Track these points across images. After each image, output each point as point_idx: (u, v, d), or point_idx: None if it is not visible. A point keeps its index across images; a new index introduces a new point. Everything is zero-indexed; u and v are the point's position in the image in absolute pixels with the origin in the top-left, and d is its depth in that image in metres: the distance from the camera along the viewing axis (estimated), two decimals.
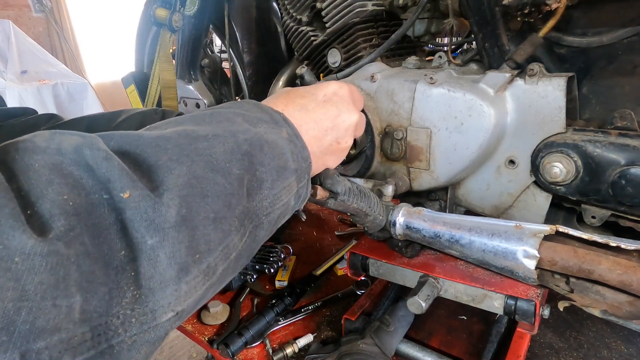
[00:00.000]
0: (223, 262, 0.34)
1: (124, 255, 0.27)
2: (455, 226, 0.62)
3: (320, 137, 0.49)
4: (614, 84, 0.67)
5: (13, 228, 0.23)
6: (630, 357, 0.78)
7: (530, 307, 0.58)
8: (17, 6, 4.49)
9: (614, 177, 0.57)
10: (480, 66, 0.80)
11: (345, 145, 0.53)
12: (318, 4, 0.91)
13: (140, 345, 0.28)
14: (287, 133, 0.43)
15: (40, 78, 4.00)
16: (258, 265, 1.02)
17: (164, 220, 0.29)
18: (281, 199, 0.41)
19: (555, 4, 0.60)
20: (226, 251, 0.34)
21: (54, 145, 0.28)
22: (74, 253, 0.25)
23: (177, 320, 0.31)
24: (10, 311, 0.22)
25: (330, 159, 0.53)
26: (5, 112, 0.75)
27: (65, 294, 0.24)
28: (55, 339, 0.23)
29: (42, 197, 0.25)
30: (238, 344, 0.80)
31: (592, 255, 0.52)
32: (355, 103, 0.55)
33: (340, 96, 0.52)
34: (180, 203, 0.30)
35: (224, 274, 0.35)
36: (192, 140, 0.34)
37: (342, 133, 0.51)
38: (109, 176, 0.28)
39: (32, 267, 0.23)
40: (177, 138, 0.34)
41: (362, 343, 0.69)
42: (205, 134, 0.36)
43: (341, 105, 0.51)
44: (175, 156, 0.32)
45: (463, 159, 0.70)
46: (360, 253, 0.73)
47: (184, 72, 1.41)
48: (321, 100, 0.51)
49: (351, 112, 0.52)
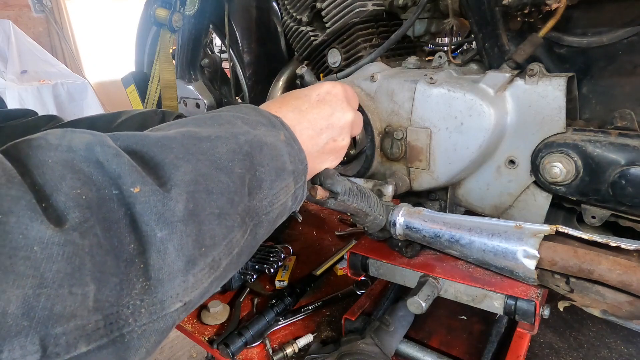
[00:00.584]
0: (227, 256, 0.35)
1: (133, 248, 0.28)
2: (455, 226, 0.62)
3: (315, 137, 0.50)
4: (614, 84, 0.67)
5: (31, 219, 0.23)
6: (630, 357, 0.78)
7: (530, 307, 0.58)
8: (17, 6, 4.50)
9: (614, 177, 0.57)
10: (480, 66, 0.80)
11: (342, 144, 0.53)
12: (318, 4, 0.91)
13: (149, 334, 0.29)
14: (285, 136, 0.44)
15: (40, 78, 4.01)
16: (258, 265, 1.02)
17: (172, 214, 0.30)
18: (279, 199, 0.42)
19: (555, 4, 0.60)
20: (230, 246, 0.35)
21: (66, 143, 0.29)
22: (88, 244, 0.25)
23: (185, 311, 0.32)
24: (31, 297, 0.23)
25: (328, 159, 0.53)
26: (6, 113, 0.75)
27: (80, 283, 0.25)
28: (71, 325, 0.24)
29: (56, 190, 0.26)
30: (238, 344, 0.80)
31: (592, 255, 0.52)
32: (350, 101, 0.55)
33: (333, 95, 0.53)
34: (188, 198, 0.31)
35: (228, 269, 0.36)
36: (196, 141, 0.35)
37: (338, 132, 0.52)
38: (119, 172, 0.29)
39: (50, 255, 0.24)
40: (181, 138, 0.35)
41: (362, 343, 0.69)
42: (208, 135, 0.37)
43: (335, 104, 0.52)
44: (181, 154, 0.33)
45: (463, 159, 0.70)
46: (360, 253, 0.73)
47: (184, 72, 1.41)
48: (315, 101, 0.51)
49: (345, 110, 0.53)
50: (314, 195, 0.55)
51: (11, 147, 0.28)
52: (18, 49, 3.93)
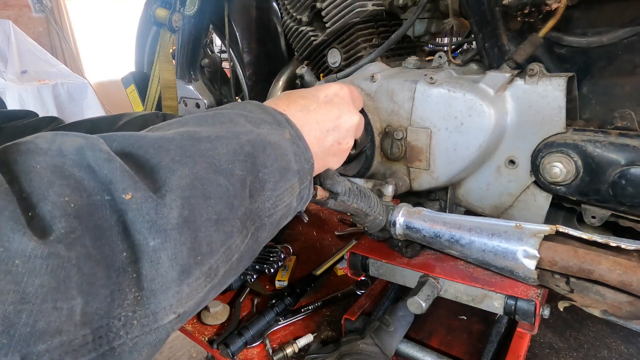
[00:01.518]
0: (225, 263, 0.34)
1: (125, 257, 0.27)
2: (455, 226, 0.62)
3: (322, 137, 0.49)
4: (614, 84, 0.67)
5: (13, 230, 0.23)
6: (630, 357, 0.78)
7: (530, 307, 0.58)
8: (17, 6, 4.50)
9: (614, 177, 0.57)
10: (480, 66, 0.80)
11: (346, 146, 0.53)
12: (318, 4, 0.91)
13: (141, 347, 0.28)
14: (290, 134, 0.43)
15: (40, 78, 4.01)
16: (258, 265, 1.02)
17: (166, 222, 0.29)
18: (283, 201, 0.41)
19: (555, 4, 0.60)
20: (228, 253, 0.34)
21: (56, 147, 0.28)
22: (75, 255, 0.25)
23: (179, 322, 0.31)
24: (11, 314, 0.22)
25: (332, 160, 0.53)
26: (6, 114, 0.75)
27: (66, 297, 0.24)
28: (56, 342, 0.23)
29: (43, 199, 0.25)
30: (238, 344, 0.80)
31: (592, 255, 0.52)
32: (355, 103, 0.55)
33: (341, 97, 0.53)
34: (183, 204, 0.30)
35: (226, 276, 0.35)
36: (195, 142, 0.34)
37: (344, 134, 0.52)
38: (111, 177, 0.28)
39: (33, 269, 0.23)
40: (179, 139, 0.34)
41: (362, 343, 0.69)
42: (208, 135, 0.36)
43: (342, 107, 0.52)
44: (177, 157, 0.32)
45: (463, 159, 0.70)
46: (360, 253, 0.73)
47: (184, 72, 1.41)
48: (323, 102, 0.51)
49: (352, 113, 0.53)
50: (314, 195, 0.55)
51: (0, 151, 0.27)
52: (18, 49, 3.93)
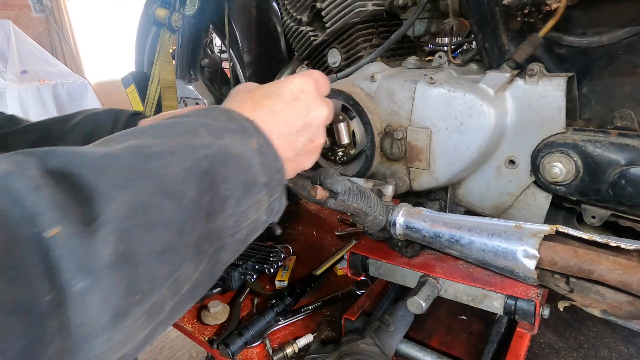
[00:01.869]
0: (172, 297, 0.31)
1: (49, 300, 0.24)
2: (455, 226, 0.62)
3: (293, 140, 0.46)
4: (614, 84, 0.67)
5: None
6: (630, 357, 0.78)
7: (530, 307, 0.58)
8: (17, 6, 4.50)
9: (614, 177, 0.57)
10: (480, 66, 0.80)
11: (319, 142, 0.50)
12: (318, 4, 0.91)
13: None
14: (258, 143, 0.40)
15: (40, 78, 4.01)
16: (258, 265, 1.02)
17: (97, 260, 0.26)
18: (248, 217, 0.38)
19: (555, 4, 0.60)
20: (176, 285, 0.31)
21: None
22: None
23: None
24: None
25: (306, 159, 0.50)
26: None
27: None
28: None
29: None
30: (238, 344, 0.80)
31: (592, 255, 0.52)
32: (321, 93, 0.52)
33: (307, 92, 0.49)
34: (119, 238, 0.27)
35: (176, 309, 0.32)
36: (144, 159, 0.31)
37: (315, 131, 0.49)
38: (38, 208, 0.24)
39: None
40: (126, 157, 0.30)
41: (362, 343, 0.69)
42: (160, 151, 0.32)
43: (310, 102, 0.49)
44: (120, 180, 0.29)
45: (463, 159, 0.70)
46: (360, 253, 0.73)
47: (184, 72, 1.41)
48: (289, 100, 0.47)
49: (320, 107, 0.50)
50: (314, 195, 0.55)
51: None
52: (18, 49, 3.93)
